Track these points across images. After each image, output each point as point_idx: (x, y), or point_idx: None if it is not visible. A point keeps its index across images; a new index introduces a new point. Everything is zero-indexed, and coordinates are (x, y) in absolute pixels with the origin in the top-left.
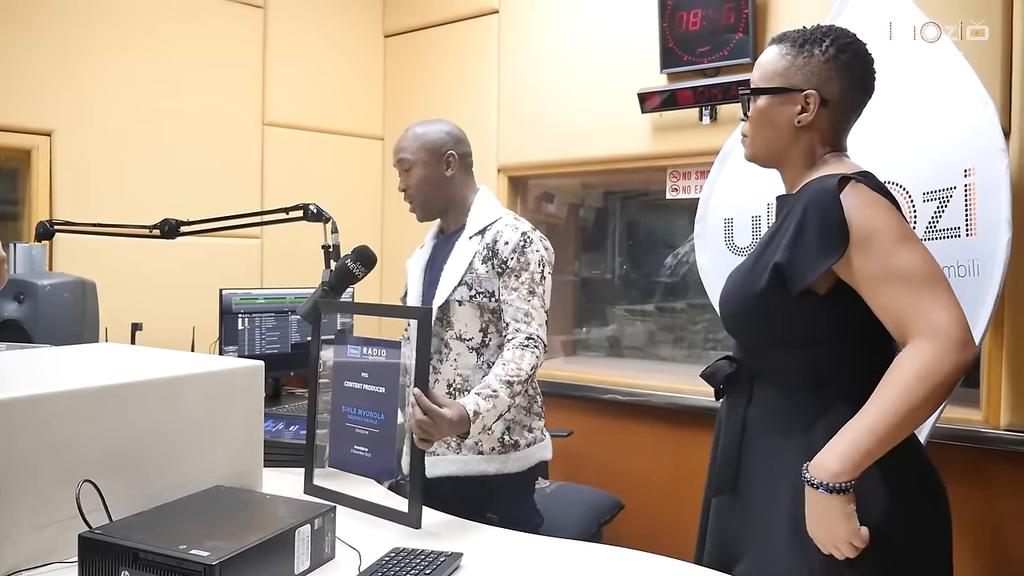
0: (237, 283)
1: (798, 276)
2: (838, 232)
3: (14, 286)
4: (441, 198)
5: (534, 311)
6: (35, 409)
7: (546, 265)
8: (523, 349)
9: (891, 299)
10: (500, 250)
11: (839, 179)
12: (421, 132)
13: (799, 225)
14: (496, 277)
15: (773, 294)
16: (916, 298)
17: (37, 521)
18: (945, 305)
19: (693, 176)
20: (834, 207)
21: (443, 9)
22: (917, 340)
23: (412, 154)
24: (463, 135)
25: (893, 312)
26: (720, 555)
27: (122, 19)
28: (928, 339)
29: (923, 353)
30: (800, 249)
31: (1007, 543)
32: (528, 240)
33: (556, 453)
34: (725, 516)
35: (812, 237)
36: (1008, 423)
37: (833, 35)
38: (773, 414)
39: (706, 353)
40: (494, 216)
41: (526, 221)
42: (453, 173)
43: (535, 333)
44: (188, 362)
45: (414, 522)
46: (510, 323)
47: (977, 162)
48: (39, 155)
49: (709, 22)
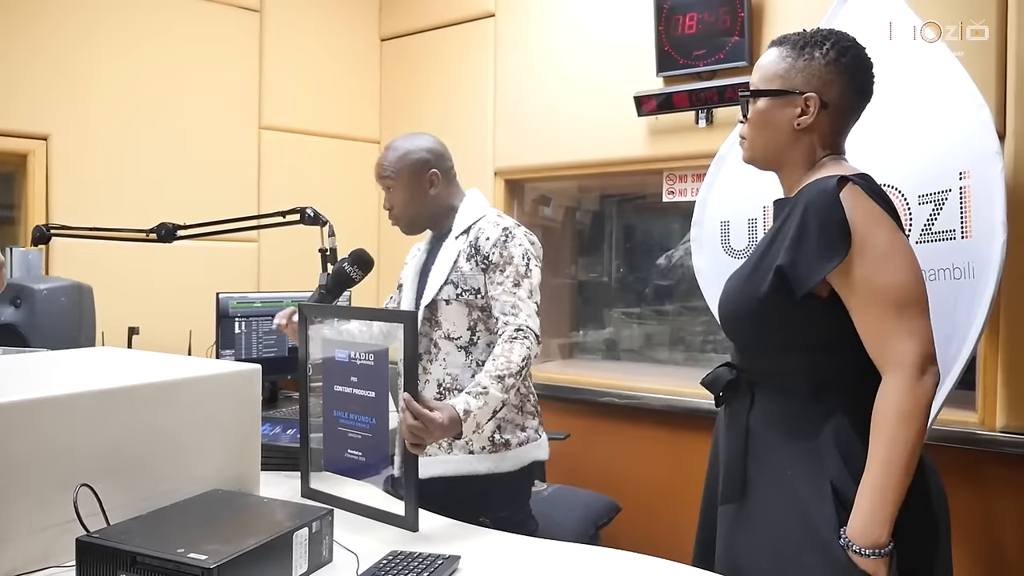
0: (234, 287)
1: (801, 279)
2: (840, 234)
3: (10, 290)
4: (426, 214)
5: (521, 302)
6: (32, 413)
7: (532, 258)
8: (512, 341)
9: (867, 322)
10: (482, 246)
11: (838, 179)
12: (403, 152)
13: (800, 227)
14: (481, 273)
15: (775, 297)
16: (889, 326)
17: (34, 525)
18: (912, 332)
19: (689, 179)
20: (834, 208)
21: (439, 13)
22: (887, 375)
23: (394, 173)
24: (444, 149)
25: (868, 338)
26: (730, 565)
27: (118, 23)
28: (897, 374)
29: (897, 392)
30: (802, 251)
31: (1002, 545)
32: (510, 234)
33: (553, 456)
34: (733, 525)
35: (814, 239)
36: (1004, 425)
37: (834, 38)
38: (776, 420)
39: (703, 356)
40: (478, 215)
41: (510, 218)
42: (437, 191)
43: (524, 324)
44: (185, 366)
45: (411, 525)
46: (499, 317)
47: (972, 165)
48: (35, 159)
49: (705, 25)
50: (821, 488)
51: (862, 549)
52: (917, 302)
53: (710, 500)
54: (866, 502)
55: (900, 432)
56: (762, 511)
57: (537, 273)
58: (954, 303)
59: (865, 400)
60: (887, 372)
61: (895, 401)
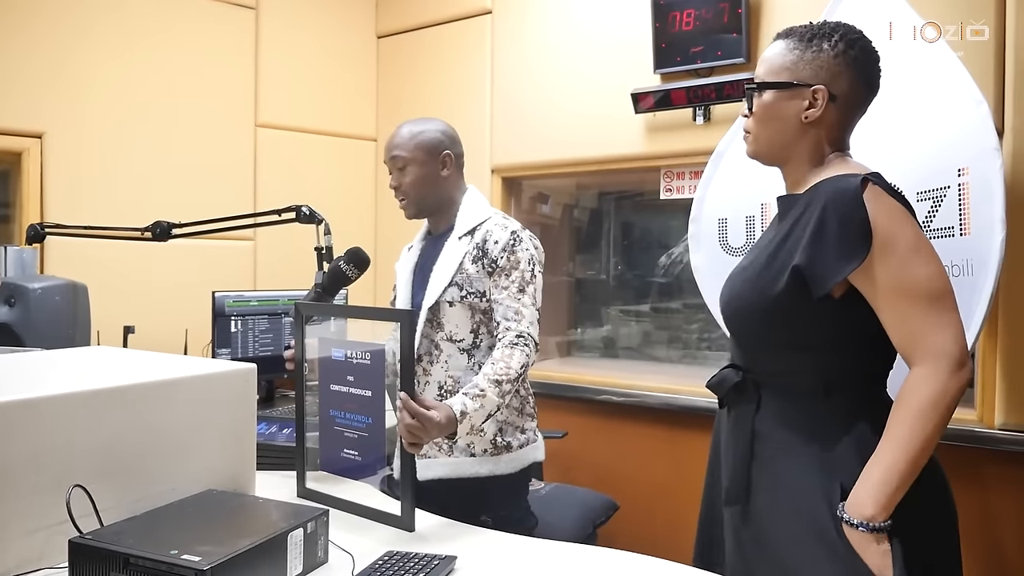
0: (230, 285)
1: (820, 279)
2: (860, 234)
3: (5, 289)
4: (434, 197)
5: (524, 309)
6: (25, 413)
7: (536, 264)
8: (512, 348)
9: (898, 318)
10: (490, 249)
11: (861, 179)
12: (418, 130)
13: (818, 226)
14: (487, 277)
15: (791, 297)
16: (922, 320)
17: (27, 526)
18: (947, 324)
19: (687, 176)
20: (857, 209)
21: (436, 10)
22: (922, 365)
23: (408, 152)
24: (456, 135)
25: (899, 332)
26: (742, 569)
27: (113, 21)
28: (931, 364)
29: (929, 380)
30: (821, 251)
31: (1002, 542)
32: (518, 239)
33: (550, 454)
34: (740, 527)
35: (833, 240)
36: (1003, 423)
37: (842, 30)
38: (783, 421)
39: (701, 354)
40: (483, 216)
41: (515, 220)
42: (449, 173)
43: (525, 331)
44: (181, 365)
45: (407, 525)
46: (500, 321)
47: (971, 162)
48: (30, 157)
49: (702, 22)
50: (830, 489)
51: (853, 519)
52: (949, 294)
53: (710, 501)
54: (871, 476)
55: (922, 420)
56: (768, 513)
57: (540, 280)
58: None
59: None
60: (921, 363)
61: (927, 390)
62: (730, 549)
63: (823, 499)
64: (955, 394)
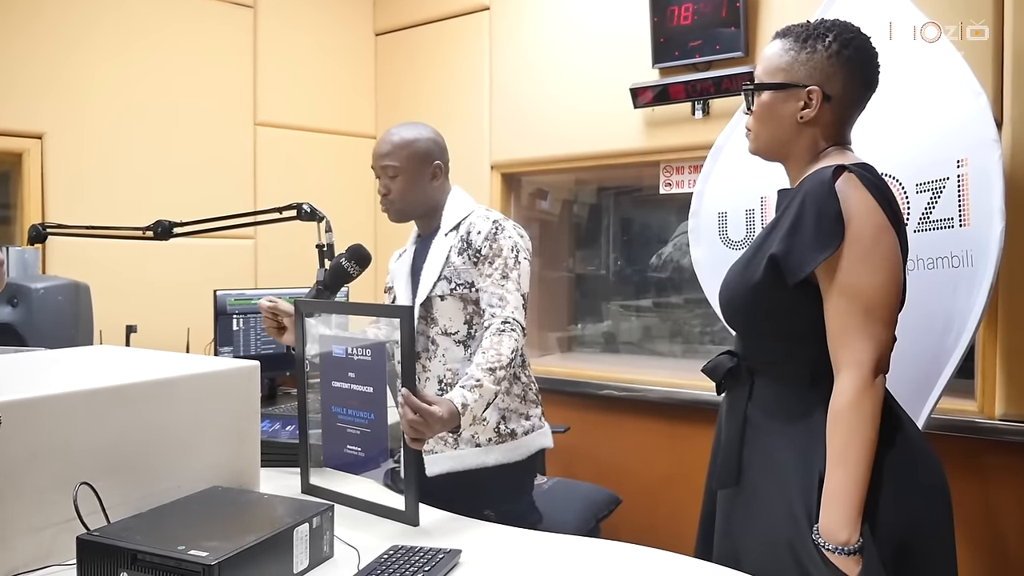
0: (231, 284)
1: (794, 267)
2: (835, 223)
3: (8, 290)
4: (421, 204)
5: (508, 294)
6: (31, 412)
7: (520, 251)
8: (500, 334)
9: (833, 316)
10: (473, 240)
11: (834, 169)
12: (409, 139)
13: (796, 217)
14: (473, 267)
15: (769, 286)
16: (851, 323)
17: (35, 524)
18: (872, 336)
19: (686, 171)
20: (831, 198)
21: (433, 7)
22: (843, 375)
23: (400, 162)
24: (444, 141)
25: (831, 327)
26: (729, 548)
27: (112, 21)
28: (846, 372)
29: (845, 393)
30: (796, 240)
31: (1003, 533)
32: (500, 227)
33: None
34: (730, 510)
35: (809, 229)
36: (1003, 413)
37: (837, 30)
38: (773, 408)
39: (702, 347)
40: (467, 211)
41: (498, 212)
42: (438, 183)
43: (511, 316)
44: (183, 363)
45: (412, 519)
46: (486, 309)
47: (970, 153)
48: (30, 158)
49: (700, 16)
50: (811, 476)
51: (830, 546)
52: (885, 307)
53: (712, 493)
54: (831, 504)
55: (857, 431)
56: (756, 497)
57: (526, 266)
58: (952, 291)
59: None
60: (843, 371)
61: (851, 400)
62: (719, 532)
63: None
64: (877, 401)
